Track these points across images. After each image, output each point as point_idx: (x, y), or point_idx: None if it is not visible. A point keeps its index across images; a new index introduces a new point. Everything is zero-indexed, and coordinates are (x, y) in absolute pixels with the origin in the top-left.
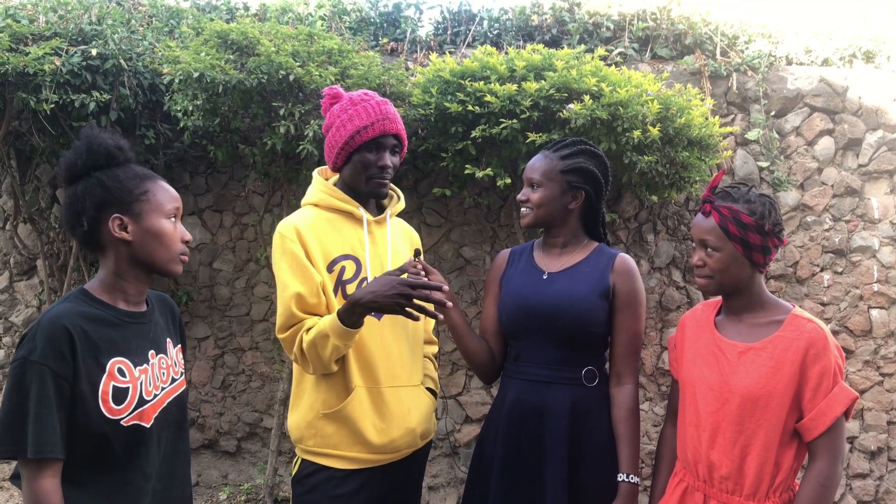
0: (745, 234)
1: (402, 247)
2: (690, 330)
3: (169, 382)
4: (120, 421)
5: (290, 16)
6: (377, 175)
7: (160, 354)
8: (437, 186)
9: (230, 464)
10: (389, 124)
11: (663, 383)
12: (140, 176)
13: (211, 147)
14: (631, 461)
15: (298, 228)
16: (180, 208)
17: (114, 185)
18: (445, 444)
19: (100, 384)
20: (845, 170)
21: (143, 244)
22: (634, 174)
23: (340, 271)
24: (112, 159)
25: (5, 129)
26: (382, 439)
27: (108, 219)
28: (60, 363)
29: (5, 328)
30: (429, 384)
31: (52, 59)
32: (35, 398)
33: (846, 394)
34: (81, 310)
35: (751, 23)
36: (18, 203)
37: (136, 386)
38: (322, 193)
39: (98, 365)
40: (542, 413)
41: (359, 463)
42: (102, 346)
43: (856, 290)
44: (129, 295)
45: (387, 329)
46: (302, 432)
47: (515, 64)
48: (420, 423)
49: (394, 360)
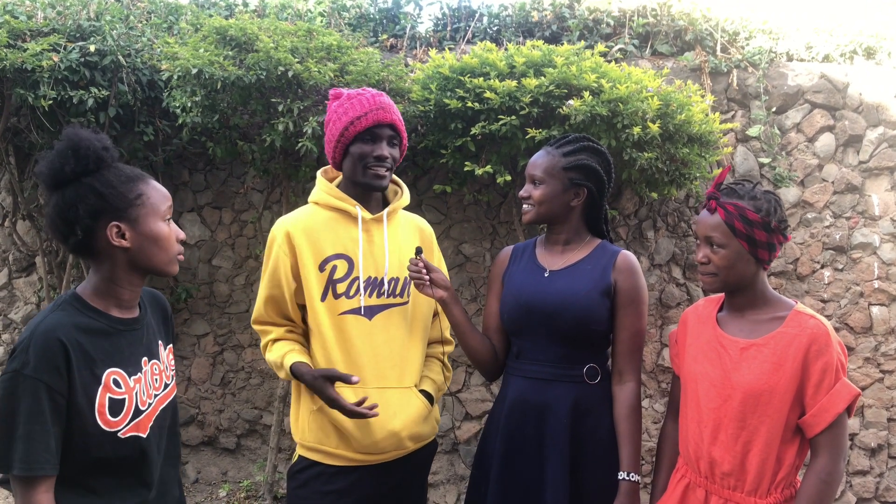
0: (751, 230)
1: (409, 242)
2: (692, 326)
3: (162, 388)
4: (117, 433)
5: (289, 12)
6: (374, 165)
7: (153, 360)
8: (436, 183)
9: (230, 461)
10: (383, 114)
11: (663, 380)
12: (132, 178)
13: (210, 144)
14: (632, 459)
15: (290, 232)
16: (172, 206)
17: (108, 191)
18: (446, 440)
19: (96, 396)
20: (846, 166)
21: (142, 249)
22: (634, 171)
23: (332, 270)
24: (101, 162)
25: (3, 126)
26: (364, 440)
27: (105, 227)
28: (55, 377)
29: (4, 325)
30: (426, 386)
31: (50, 55)
32: (25, 414)
33: (848, 390)
34: (76, 321)
35: (751, 19)
36: (17, 200)
37: (132, 397)
38: (321, 192)
39: (93, 377)
40: (544, 411)
41: (346, 461)
42: (97, 358)
43: (856, 286)
44: (123, 300)
45: (377, 329)
46: (297, 426)
47: (515, 60)
48: (406, 426)
49: (382, 361)
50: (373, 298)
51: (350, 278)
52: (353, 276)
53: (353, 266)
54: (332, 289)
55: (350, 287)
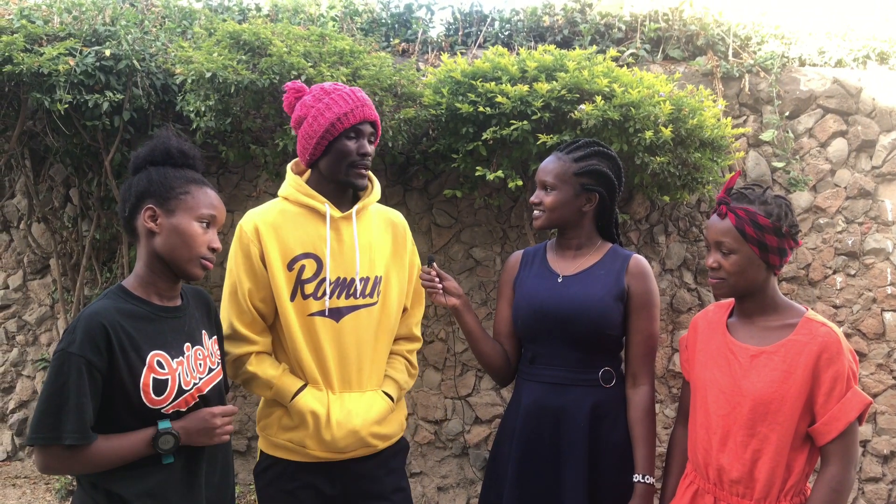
0: (762, 236)
1: (381, 238)
2: (702, 331)
3: (206, 372)
4: (161, 410)
5: (302, 16)
6: (359, 162)
7: (196, 346)
8: (447, 187)
9: (240, 462)
10: (368, 110)
11: (674, 385)
12: (188, 179)
13: (222, 147)
14: (647, 462)
15: (258, 227)
16: (218, 217)
17: (158, 178)
18: (456, 444)
19: (140, 377)
20: (859, 171)
21: (167, 239)
22: (646, 175)
23: (300, 270)
24: (169, 158)
25: (20, 129)
26: (326, 436)
27: (144, 208)
28: (96, 356)
29: (19, 326)
30: (388, 387)
31: (67, 59)
32: (74, 388)
33: (860, 399)
34: (119, 306)
35: (763, 24)
36: (32, 202)
37: (175, 377)
38: (290, 188)
39: (139, 359)
40: (561, 415)
41: (309, 458)
42: (141, 341)
43: (869, 292)
44: (162, 290)
45: (345, 332)
46: (261, 414)
47: (527, 65)
48: (365, 425)
49: (349, 364)
50: (341, 300)
51: (318, 279)
52: (321, 276)
53: (322, 266)
54: (301, 289)
55: (318, 288)
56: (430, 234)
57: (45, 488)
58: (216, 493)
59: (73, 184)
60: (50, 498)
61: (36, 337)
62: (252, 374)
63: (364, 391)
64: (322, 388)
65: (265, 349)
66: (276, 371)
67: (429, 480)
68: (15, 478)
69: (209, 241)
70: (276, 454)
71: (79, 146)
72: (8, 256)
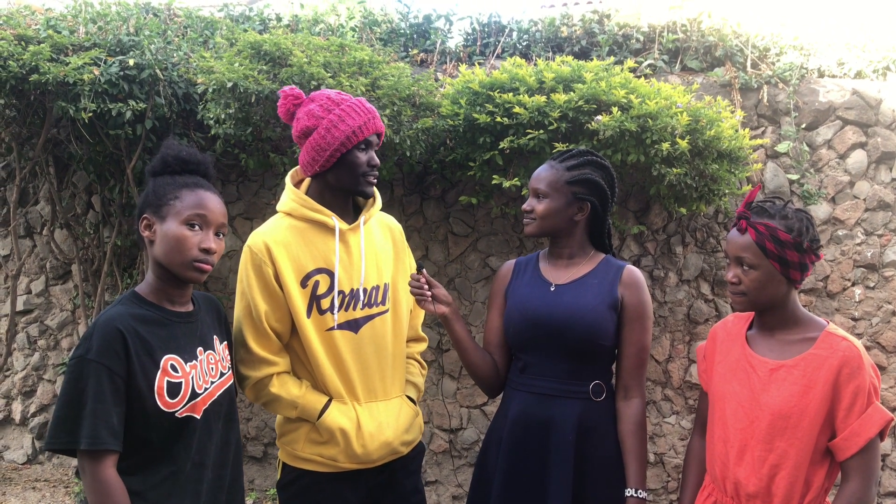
0: (783, 251)
1: (383, 246)
2: (721, 342)
3: (218, 377)
4: (175, 413)
5: (322, 27)
6: (370, 173)
7: (208, 351)
8: (464, 195)
9: (257, 469)
10: (378, 123)
11: (690, 396)
12: (181, 184)
13: (242, 155)
14: (639, 476)
15: (269, 246)
16: (209, 217)
17: (155, 188)
18: (471, 454)
19: (155, 380)
20: (878, 183)
21: (161, 246)
22: (663, 186)
23: (314, 286)
24: (167, 167)
25: (44, 137)
26: (358, 450)
27: (142, 218)
28: (115, 361)
29: (41, 331)
30: (410, 392)
31: (91, 68)
32: (91, 394)
33: (881, 415)
34: (133, 311)
35: (782, 35)
36: (55, 209)
37: (188, 381)
38: (293, 203)
39: (153, 362)
40: (548, 426)
41: (337, 469)
42: (155, 345)
43: (888, 305)
44: (173, 296)
45: (365, 342)
46: (284, 429)
47: (544, 75)
48: (397, 435)
49: (372, 374)
50: (357, 311)
51: (334, 293)
52: (336, 290)
53: (335, 280)
54: (317, 305)
55: (334, 302)
56: (447, 242)
57: (63, 492)
58: (225, 492)
59: (96, 191)
60: (69, 501)
61: (57, 342)
62: (275, 396)
63: (390, 399)
64: (347, 402)
65: (285, 369)
66: (300, 390)
67: (444, 489)
68: (35, 481)
69: (200, 241)
70: (302, 466)
71: (101, 154)
72: (31, 262)
